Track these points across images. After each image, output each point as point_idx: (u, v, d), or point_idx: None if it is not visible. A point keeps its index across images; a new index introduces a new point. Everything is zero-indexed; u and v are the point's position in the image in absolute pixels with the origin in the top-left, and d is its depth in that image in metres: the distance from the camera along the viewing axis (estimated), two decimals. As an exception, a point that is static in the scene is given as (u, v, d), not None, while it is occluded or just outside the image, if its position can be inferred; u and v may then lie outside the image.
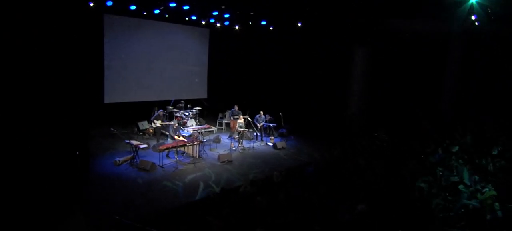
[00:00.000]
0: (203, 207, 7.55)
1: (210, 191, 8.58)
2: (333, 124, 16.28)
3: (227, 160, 11.01)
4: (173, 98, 13.91)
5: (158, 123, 11.70)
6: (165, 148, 10.23)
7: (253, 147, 12.86)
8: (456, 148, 10.90)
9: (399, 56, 17.06)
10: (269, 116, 14.11)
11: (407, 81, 17.20)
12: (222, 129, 14.88)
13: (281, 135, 14.55)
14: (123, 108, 13.78)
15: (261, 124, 13.81)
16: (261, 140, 13.68)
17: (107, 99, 13.28)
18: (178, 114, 13.40)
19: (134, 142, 10.23)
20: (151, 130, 12.29)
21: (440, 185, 9.01)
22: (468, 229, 7.00)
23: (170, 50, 14.97)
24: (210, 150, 12.00)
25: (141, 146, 10.09)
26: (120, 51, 13.48)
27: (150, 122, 12.44)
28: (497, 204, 7.11)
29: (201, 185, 9.02)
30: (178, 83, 15.23)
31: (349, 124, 16.40)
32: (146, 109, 13.06)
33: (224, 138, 13.55)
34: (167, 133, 12.09)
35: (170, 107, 13.65)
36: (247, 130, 12.92)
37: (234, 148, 12.43)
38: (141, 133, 12.90)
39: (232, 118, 14.02)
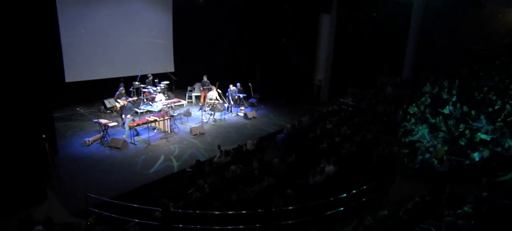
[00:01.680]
0: (180, 179, 7.77)
1: (184, 164, 8.74)
2: (302, 91, 16.71)
3: (199, 133, 11.14)
4: (140, 74, 13.56)
5: (122, 101, 11.38)
6: (135, 124, 10.14)
7: (225, 118, 13.04)
8: (415, 109, 11.71)
9: (364, 24, 17.60)
10: (239, 86, 14.24)
11: (371, 48, 17.87)
12: (191, 102, 14.85)
13: (251, 105, 14.82)
14: (87, 87, 13.29)
15: (236, 96, 13.93)
16: (231, 111, 13.86)
17: (68, 78, 12.69)
18: (145, 89, 13.16)
19: (103, 121, 10.05)
20: (118, 107, 12.00)
21: (400, 143, 9.75)
22: (424, 180, 7.75)
23: (132, 23, 14.38)
24: (182, 123, 12.03)
25: (110, 124, 9.95)
26: (78, 26, 12.75)
27: (115, 100, 12.14)
28: (446, 157, 7.87)
29: (174, 159, 9.15)
30: (143, 57, 14.78)
31: (317, 91, 16.92)
32: (112, 86, 12.70)
33: (195, 111, 13.57)
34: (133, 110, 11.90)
35: (136, 83, 13.33)
36: (218, 101, 13.01)
37: (205, 120, 12.54)
38: (108, 111, 12.60)
39: (202, 88, 13.98)
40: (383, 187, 7.50)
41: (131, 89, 13.20)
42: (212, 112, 12.75)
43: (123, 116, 10.28)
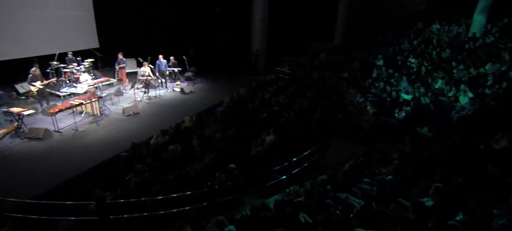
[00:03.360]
0: (115, 165, 7.23)
1: (118, 148, 8.15)
2: (239, 62, 16.56)
3: (133, 113, 10.45)
4: (57, 52, 12.00)
5: (37, 84, 10.04)
6: (57, 109, 9.06)
7: (160, 95, 12.40)
8: (346, 74, 12.37)
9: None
10: (173, 59, 13.54)
11: (304, 15, 18.22)
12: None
13: (187, 79, 14.28)
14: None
15: (167, 71, 13.20)
16: (166, 87, 13.19)
17: (-34, 61, 10.78)
18: (66, 69, 11.77)
19: (15, 109, 8.77)
20: (34, 92, 10.56)
21: (336, 107, 10.29)
22: (357, 141, 8.31)
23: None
24: (113, 104, 11.15)
25: (26, 113, 8.74)
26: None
27: (29, 83, 10.57)
28: (374, 117, 8.50)
29: (107, 144, 8.49)
30: (60, 33, 13.07)
31: (255, 61, 16.92)
32: (24, 69, 11.07)
33: (127, 90, 12.65)
34: (55, 92, 10.67)
35: (54, 62, 11.80)
36: (151, 77, 12.26)
37: (139, 99, 11.78)
38: (23, 97, 11.07)
39: (117, 68, 12.92)
40: (321, 151, 7.88)
41: (48, 70, 11.69)
42: (146, 90, 12.01)
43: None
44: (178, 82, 13.52)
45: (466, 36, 12.17)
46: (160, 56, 13.03)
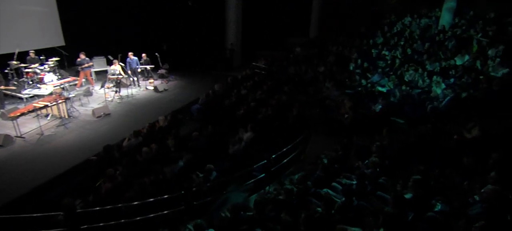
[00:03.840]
0: (86, 170, 6.89)
1: (88, 152, 7.79)
2: (214, 57, 16.33)
3: (103, 114, 10.03)
4: (17, 50, 11.24)
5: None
6: (18, 113, 8.50)
7: (132, 94, 11.98)
8: (322, 68, 12.46)
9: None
10: (144, 56, 13.10)
11: (279, 9, 18.20)
12: (92, 78, 13.17)
13: (161, 76, 13.89)
14: None
15: (135, 67, 12.73)
16: (138, 85, 12.76)
17: None
18: (29, 70, 11.08)
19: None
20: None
21: (314, 102, 10.36)
22: (335, 135, 8.38)
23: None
24: (81, 105, 10.65)
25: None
26: None
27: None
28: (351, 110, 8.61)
29: (77, 148, 8.09)
30: (19, 30, 12.27)
31: (230, 56, 16.74)
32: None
33: (96, 89, 12.14)
34: (16, 94, 10.04)
35: (14, 62, 11.05)
36: (122, 75, 11.81)
37: (109, 99, 11.33)
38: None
39: (80, 69, 12.20)
40: (300, 147, 7.87)
41: (6, 70, 10.95)
42: (117, 89, 11.56)
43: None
44: (151, 80, 13.12)
45: (437, 29, 12.57)
46: (130, 53, 12.56)
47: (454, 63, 9.75)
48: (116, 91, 11.54)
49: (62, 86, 10.61)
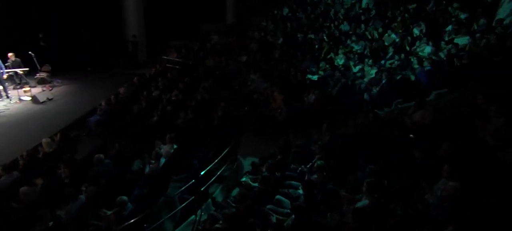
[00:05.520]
0: None
1: None
2: (113, 53, 15.19)
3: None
4: None
5: None
6: None
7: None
8: (245, 58, 12.35)
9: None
10: (12, 57, 11.08)
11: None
12: None
13: (41, 82, 12.04)
14: None
15: (3, 74, 10.73)
16: (7, 96, 10.80)
17: None
18: None
19: None
20: None
21: (240, 98, 10.20)
22: (269, 132, 8.25)
23: None
24: None
25: None
26: None
27: None
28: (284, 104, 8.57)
29: None
30: None
31: (133, 50, 15.75)
32: None
33: None
34: None
35: None
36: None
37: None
38: None
39: None
40: (231, 153, 7.53)
41: None
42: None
43: None
44: (27, 88, 11.29)
45: (361, 8, 13.37)
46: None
47: (383, 44, 10.41)
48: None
49: None
